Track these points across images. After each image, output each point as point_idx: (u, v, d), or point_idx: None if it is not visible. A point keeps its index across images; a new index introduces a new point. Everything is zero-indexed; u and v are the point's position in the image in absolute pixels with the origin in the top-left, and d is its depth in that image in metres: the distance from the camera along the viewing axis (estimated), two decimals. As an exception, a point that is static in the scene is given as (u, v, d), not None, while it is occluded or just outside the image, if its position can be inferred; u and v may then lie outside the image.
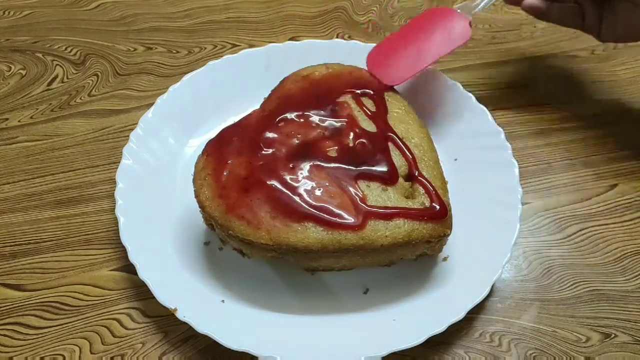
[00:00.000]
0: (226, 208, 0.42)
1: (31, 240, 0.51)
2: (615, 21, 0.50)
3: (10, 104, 0.61)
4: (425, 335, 0.41)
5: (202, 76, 0.57)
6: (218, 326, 0.42)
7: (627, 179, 0.53)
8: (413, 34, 0.52)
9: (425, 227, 0.42)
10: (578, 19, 0.52)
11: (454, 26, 0.51)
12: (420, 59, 0.50)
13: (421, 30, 0.52)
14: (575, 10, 0.52)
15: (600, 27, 0.51)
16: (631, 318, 0.46)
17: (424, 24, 0.52)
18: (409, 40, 0.51)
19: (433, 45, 0.50)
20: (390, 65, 0.50)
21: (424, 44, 0.51)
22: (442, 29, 0.51)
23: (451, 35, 0.51)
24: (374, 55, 0.52)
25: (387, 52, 0.51)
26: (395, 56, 0.51)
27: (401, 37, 0.52)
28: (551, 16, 0.52)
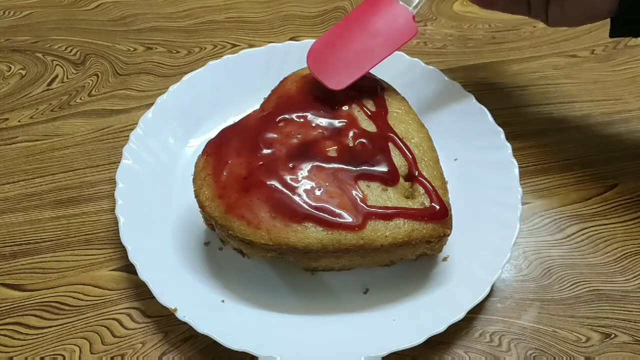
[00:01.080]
0: (226, 208, 0.42)
1: (31, 240, 0.51)
2: (562, 4, 0.47)
3: (10, 104, 0.61)
4: (425, 335, 0.41)
5: (202, 76, 0.57)
6: (218, 326, 0.42)
7: (627, 179, 0.53)
8: (354, 29, 0.48)
9: (426, 227, 0.42)
10: (524, 6, 0.50)
11: (397, 21, 0.48)
12: (364, 61, 0.47)
13: (362, 25, 0.48)
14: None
15: (547, 11, 0.49)
16: (631, 318, 0.46)
17: (365, 18, 0.48)
18: (351, 37, 0.48)
19: (376, 45, 0.47)
20: (333, 68, 0.47)
21: (366, 42, 0.47)
22: (385, 24, 0.48)
23: (395, 31, 0.47)
24: (314, 54, 0.48)
25: (328, 51, 0.48)
26: (337, 57, 0.47)
27: (341, 33, 0.48)
28: (497, 5, 0.50)
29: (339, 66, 0.47)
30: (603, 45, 0.64)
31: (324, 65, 0.47)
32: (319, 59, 0.47)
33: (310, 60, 0.47)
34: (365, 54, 0.47)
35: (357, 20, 0.48)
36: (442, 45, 0.66)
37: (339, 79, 0.47)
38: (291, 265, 0.46)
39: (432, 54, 0.64)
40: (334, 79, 0.47)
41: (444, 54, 0.65)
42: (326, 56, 0.48)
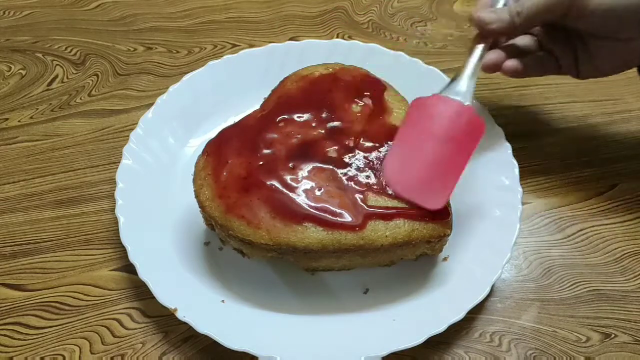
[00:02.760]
0: (226, 208, 0.42)
1: (31, 240, 0.51)
2: (592, 59, 0.47)
3: (10, 104, 0.61)
4: (425, 335, 0.41)
5: (202, 76, 0.57)
6: (218, 326, 0.42)
7: (627, 179, 0.53)
8: (425, 141, 0.44)
9: (426, 227, 0.42)
10: (554, 66, 0.49)
11: (466, 124, 0.44)
12: (451, 175, 0.43)
13: (432, 135, 0.44)
14: (549, 58, 0.49)
15: (577, 68, 0.48)
16: (631, 318, 0.46)
17: (430, 126, 0.45)
18: (427, 152, 0.44)
19: (455, 154, 0.44)
20: (424, 189, 0.43)
21: (445, 154, 0.44)
22: (454, 129, 0.44)
23: (465, 132, 0.44)
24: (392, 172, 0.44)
25: (406, 168, 0.44)
26: (422, 177, 0.44)
27: (415, 149, 0.44)
28: (529, 72, 0.48)
29: (429, 187, 0.43)
30: (603, 45, 0.64)
31: (412, 187, 0.43)
32: (401, 181, 0.43)
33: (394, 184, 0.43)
34: (448, 167, 0.44)
35: (420, 129, 0.45)
36: (442, 45, 0.66)
37: (435, 197, 0.43)
38: (291, 265, 0.46)
39: (432, 54, 0.64)
40: (431, 200, 0.43)
41: (444, 54, 0.65)
42: (408, 177, 0.43)
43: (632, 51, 0.46)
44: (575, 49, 0.48)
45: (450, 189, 0.43)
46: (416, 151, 0.44)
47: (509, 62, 0.48)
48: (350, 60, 0.52)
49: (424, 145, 0.44)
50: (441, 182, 0.43)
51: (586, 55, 0.47)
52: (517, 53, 0.48)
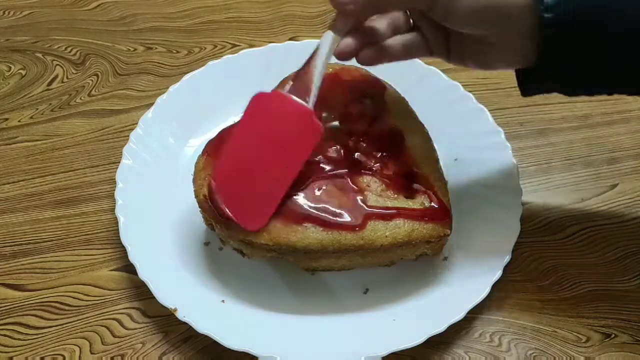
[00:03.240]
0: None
1: (31, 240, 0.51)
2: (462, 54, 0.41)
3: (10, 104, 0.61)
4: (425, 335, 0.41)
5: (202, 76, 0.57)
6: (218, 326, 0.42)
7: (627, 179, 0.53)
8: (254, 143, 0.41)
9: (426, 227, 0.42)
10: (424, 48, 0.42)
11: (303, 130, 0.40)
12: (276, 188, 0.40)
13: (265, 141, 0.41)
14: (419, 39, 0.42)
15: (448, 56, 0.42)
16: (631, 318, 0.45)
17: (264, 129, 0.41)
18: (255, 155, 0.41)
19: (285, 166, 0.40)
20: (246, 200, 0.40)
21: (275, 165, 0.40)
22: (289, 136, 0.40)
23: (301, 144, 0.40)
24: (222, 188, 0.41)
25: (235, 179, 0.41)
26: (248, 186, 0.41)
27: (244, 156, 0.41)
28: (393, 53, 0.41)
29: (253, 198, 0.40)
30: (603, 45, 0.64)
31: (235, 199, 0.40)
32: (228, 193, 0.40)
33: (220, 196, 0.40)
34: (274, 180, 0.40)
35: (254, 129, 0.41)
36: (442, 45, 0.65)
37: (256, 216, 0.40)
38: (291, 265, 0.45)
39: (432, 54, 0.64)
40: (251, 216, 0.40)
41: (444, 54, 0.64)
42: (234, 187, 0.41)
43: (498, 55, 0.39)
44: (447, 37, 0.41)
45: (272, 209, 0.40)
46: (244, 159, 0.41)
47: (366, 51, 0.40)
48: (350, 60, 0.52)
49: (253, 152, 0.41)
50: (264, 200, 0.40)
51: (457, 47, 0.41)
52: (377, 34, 0.41)
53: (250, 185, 0.41)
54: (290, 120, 0.41)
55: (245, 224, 0.40)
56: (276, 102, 0.41)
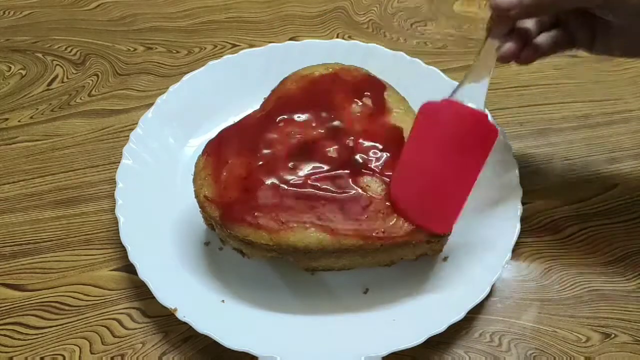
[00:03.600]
0: (226, 208, 0.42)
1: (31, 240, 0.51)
2: (609, 42, 0.43)
3: (10, 104, 0.61)
4: (425, 335, 0.41)
5: (202, 76, 0.57)
6: (218, 326, 0.42)
7: (627, 179, 0.53)
8: (434, 156, 0.42)
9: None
10: (568, 41, 0.45)
11: (480, 134, 0.42)
12: (460, 193, 0.41)
13: (441, 149, 0.42)
14: (563, 34, 0.44)
15: (592, 45, 0.44)
16: (631, 318, 0.46)
17: (439, 137, 0.42)
18: (434, 170, 0.42)
19: (465, 170, 0.41)
20: (432, 211, 0.41)
21: (455, 171, 0.41)
22: (466, 140, 0.42)
23: (479, 147, 0.41)
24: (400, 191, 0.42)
25: (416, 193, 0.41)
26: (429, 199, 0.42)
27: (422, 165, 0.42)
28: (544, 51, 0.44)
29: (435, 206, 0.42)
30: (603, 45, 0.64)
31: (419, 205, 0.41)
32: (410, 200, 0.41)
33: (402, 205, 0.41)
34: (457, 182, 0.41)
35: (429, 140, 0.42)
36: (442, 45, 0.66)
37: (444, 219, 0.41)
38: (291, 265, 0.45)
39: (432, 54, 0.64)
40: (439, 220, 0.41)
41: (444, 54, 0.65)
42: (416, 195, 0.41)
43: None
44: (594, 28, 0.43)
45: (459, 210, 0.41)
46: (423, 168, 0.42)
47: (524, 52, 0.43)
48: (350, 60, 0.52)
49: (432, 160, 0.42)
50: (449, 202, 0.41)
51: (604, 37, 0.43)
52: (530, 34, 0.44)
53: (433, 190, 0.42)
54: (467, 126, 0.42)
55: (435, 228, 0.41)
56: (449, 110, 0.42)
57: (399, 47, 0.63)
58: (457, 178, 0.42)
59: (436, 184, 0.42)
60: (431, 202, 0.42)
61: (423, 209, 0.41)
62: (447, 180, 0.42)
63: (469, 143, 0.42)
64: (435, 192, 0.42)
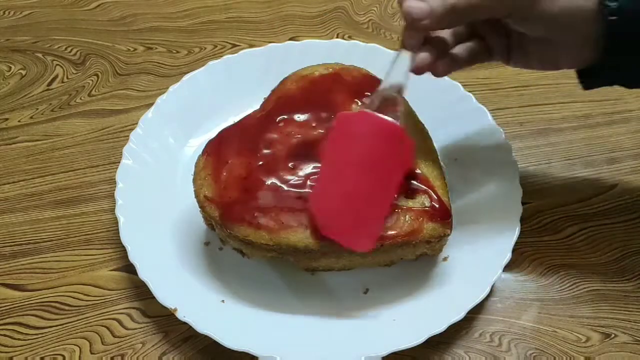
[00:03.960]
0: (226, 208, 0.42)
1: (31, 240, 0.51)
2: (525, 55, 0.43)
3: (10, 104, 0.61)
4: (425, 335, 0.41)
5: (202, 76, 0.57)
6: (218, 326, 0.42)
7: (627, 179, 0.53)
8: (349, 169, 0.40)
9: (426, 227, 0.42)
10: (485, 54, 0.44)
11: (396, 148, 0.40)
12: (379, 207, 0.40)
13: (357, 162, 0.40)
14: (480, 46, 0.44)
15: (509, 57, 0.44)
16: (631, 318, 0.46)
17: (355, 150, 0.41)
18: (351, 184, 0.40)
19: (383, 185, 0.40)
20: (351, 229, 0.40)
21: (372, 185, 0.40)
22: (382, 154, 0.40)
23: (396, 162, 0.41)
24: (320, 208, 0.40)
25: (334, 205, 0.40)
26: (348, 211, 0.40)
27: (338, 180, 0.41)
28: (461, 62, 0.43)
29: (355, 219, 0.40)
30: (603, 45, 0.64)
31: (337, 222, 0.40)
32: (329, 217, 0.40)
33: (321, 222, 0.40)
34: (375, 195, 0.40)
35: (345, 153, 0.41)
36: (442, 45, 0.65)
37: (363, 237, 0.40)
38: (291, 265, 0.45)
39: (432, 54, 0.64)
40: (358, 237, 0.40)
41: (444, 54, 0.64)
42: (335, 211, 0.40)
43: (564, 55, 0.42)
44: (510, 39, 0.43)
45: (379, 227, 0.40)
46: (340, 182, 0.40)
47: (440, 63, 0.42)
48: (350, 60, 0.52)
49: (348, 174, 0.40)
50: (368, 220, 0.40)
51: (519, 50, 0.43)
52: (446, 44, 0.42)
53: (350, 207, 0.40)
54: (380, 138, 0.40)
55: (354, 246, 0.40)
56: (364, 120, 0.41)
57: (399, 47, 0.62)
58: (374, 193, 0.40)
59: (353, 200, 0.40)
60: (350, 219, 0.40)
61: (342, 225, 0.40)
62: (364, 196, 0.40)
63: (383, 156, 0.40)
64: (353, 209, 0.40)
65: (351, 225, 0.40)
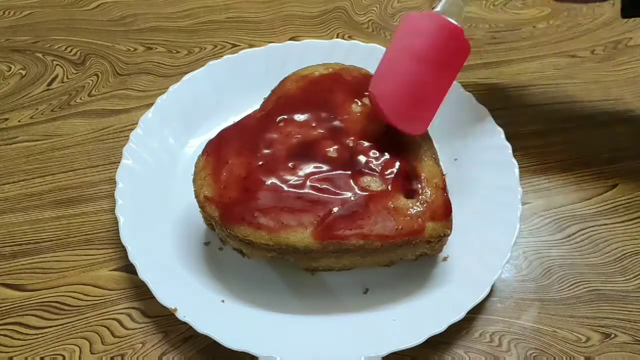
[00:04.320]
0: (226, 208, 0.42)
1: (31, 240, 0.51)
2: None
3: (10, 104, 0.61)
4: (425, 335, 0.41)
5: (202, 76, 0.57)
6: (218, 326, 0.42)
7: (627, 179, 0.53)
8: (411, 59, 0.44)
9: (426, 227, 0.42)
10: None
11: (451, 43, 0.44)
12: (434, 97, 0.45)
13: (419, 53, 0.44)
14: None
15: None
16: (631, 318, 0.46)
17: (418, 43, 0.44)
18: (412, 70, 0.44)
19: (439, 75, 0.45)
20: (408, 113, 0.44)
21: (429, 73, 0.44)
22: (440, 48, 0.44)
23: (451, 56, 0.45)
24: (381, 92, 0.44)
25: (395, 92, 0.44)
26: (407, 97, 0.44)
27: (402, 68, 0.44)
28: None
29: (411, 109, 0.44)
30: (603, 45, 0.64)
31: (397, 110, 0.44)
32: (388, 103, 0.44)
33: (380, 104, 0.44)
34: (431, 88, 0.44)
35: (409, 47, 0.44)
36: (442, 45, 0.65)
37: (417, 122, 0.45)
38: (291, 265, 0.46)
39: (432, 54, 0.64)
40: (413, 125, 0.45)
41: (444, 54, 0.64)
42: (395, 99, 0.44)
43: None
44: None
45: (432, 115, 0.45)
46: (402, 72, 0.44)
47: None
48: (350, 60, 0.52)
49: (410, 66, 0.44)
50: (423, 108, 0.45)
51: None
52: None
53: (408, 94, 0.44)
54: (443, 37, 0.44)
55: (409, 129, 0.44)
56: (429, 20, 0.45)
57: (399, 47, 0.63)
58: (431, 86, 0.44)
59: (412, 90, 0.44)
60: (406, 106, 0.44)
61: (399, 111, 0.44)
62: (422, 87, 0.44)
63: (444, 54, 0.44)
64: (411, 97, 0.44)
65: (408, 110, 0.44)
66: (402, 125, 0.44)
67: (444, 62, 0.44)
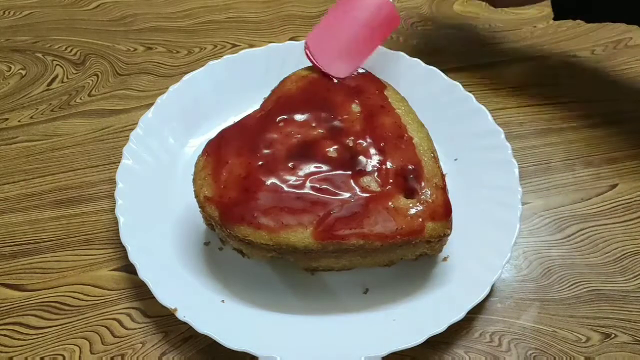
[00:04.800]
0: (226, 208, 0.42)
1: (31, 240, 0.51)
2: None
3: (10, 104, 0.61)
4: (425, 335, 0.41)
5: (202, 76, 0.57)
6: (218, 326, 0.42)
7: (627, 179, 0.53)
8: (345, 20, 0.52)
9: (426, 226, 0.42)
10: None
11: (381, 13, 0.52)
12: (359, 53, 0.51)
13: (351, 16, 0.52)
14: None
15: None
16: (631, 318, 0.46)
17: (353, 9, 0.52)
18: (343, 28, 0.52)
19: (367, 37, 0.52)
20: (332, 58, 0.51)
21: (359, 33, 0.52)
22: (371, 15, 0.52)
23: (381, 23, 0.52)
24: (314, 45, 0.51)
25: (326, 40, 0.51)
26: (334, 48, 0.51)
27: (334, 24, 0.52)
28: None
29: (337, 56, 0.51)
30: (603, 46, 0.64)
31: (323, 55, 0.50)
32: (318, 49, 0.51)
33: (311, 49, 0.50)
34: (358, 45, 0.51)
35: (346, 12, 0.52)
36: (442, 45, 0.66)
37: (340, 68, 0.50)
38: (291, 265, 0.46)
39: (432, 54, 0.64)
40: (335, 68, 0.50)
41: (444, 54, 0.65)
42: (324, 47, 0.51)
43: None
44: None
45: (358, 65, 0.51)
46: (338, 29, 0.52)
47: None
48: (350, 60, 0.52)
49: (345, 25, 0.52)
50: (352, 57, 0.51)
51: None
52: None
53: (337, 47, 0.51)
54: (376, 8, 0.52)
55: (332, 71, 0.50)
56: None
57: (399, 47, 0.62)
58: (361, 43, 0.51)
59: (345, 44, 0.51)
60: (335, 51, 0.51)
61: (329, 59, 0.50)
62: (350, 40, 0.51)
63: (375, 22, 0.52)
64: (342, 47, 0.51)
65: (334, 55, 0.51)
66: (327, 68, 0.50)
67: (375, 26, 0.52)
